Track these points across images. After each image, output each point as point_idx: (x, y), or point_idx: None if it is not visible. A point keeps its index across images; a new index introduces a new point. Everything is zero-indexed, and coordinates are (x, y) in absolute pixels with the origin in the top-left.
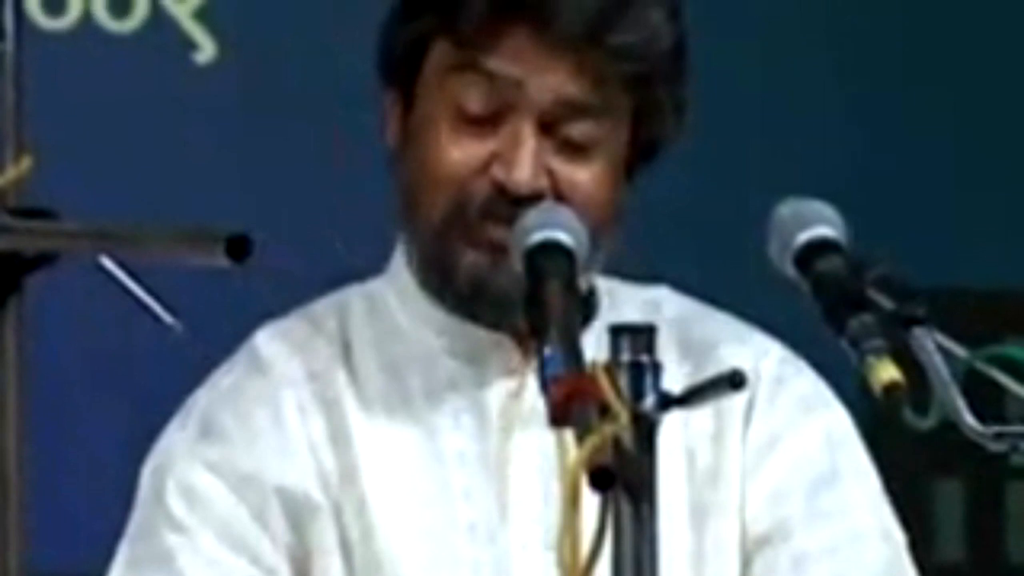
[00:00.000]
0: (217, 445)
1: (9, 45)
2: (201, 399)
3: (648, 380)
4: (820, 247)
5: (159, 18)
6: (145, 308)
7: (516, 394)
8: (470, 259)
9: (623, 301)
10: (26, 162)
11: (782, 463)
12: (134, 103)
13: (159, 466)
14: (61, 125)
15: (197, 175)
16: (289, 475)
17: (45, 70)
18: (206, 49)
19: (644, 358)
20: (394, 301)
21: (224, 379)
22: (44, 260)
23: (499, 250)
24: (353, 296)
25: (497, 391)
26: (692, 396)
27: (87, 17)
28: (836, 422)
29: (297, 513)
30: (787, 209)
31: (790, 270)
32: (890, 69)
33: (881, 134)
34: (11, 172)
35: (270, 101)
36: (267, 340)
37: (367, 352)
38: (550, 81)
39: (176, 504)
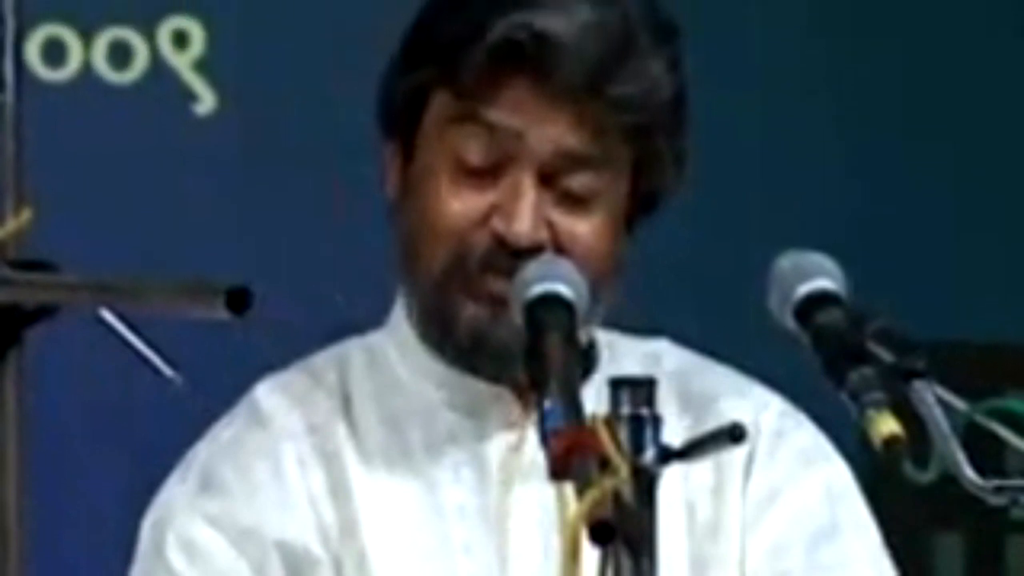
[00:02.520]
0: (217, 499)
1: (9, 96)
2: (201, 452)
3: (648, 433)
4: (820, 300)
5: (159, 69)
6: (145, 361)
7: (516, 447)
8: (470, 312)
9: (623, 354)
10: (26, 214)
11: (782, 516)
12: (134, 154)
13: (159, 519)
14: (61, 177)
15: (197, 227)
16: (289, 529)
17: (45, 121)
18: (206, 100)
19: (644, 411)
20: (394, 354)
21: (224, 432)
22: (44, 312)
23: (499, 303)
24: (353, 349)
25: (497, 444)
26: (692, 449)
27: (87, 68)
28: (836, 475)
29: (297, 567)
30: (787, 261)
31: (790, 322)
32: (890, 122)
33: (881, 186)
34: (11, 224)
35: (270, 152)
36: (267, 393)
37: (367, 405)
38: (550, 133)
39: (176, 558)
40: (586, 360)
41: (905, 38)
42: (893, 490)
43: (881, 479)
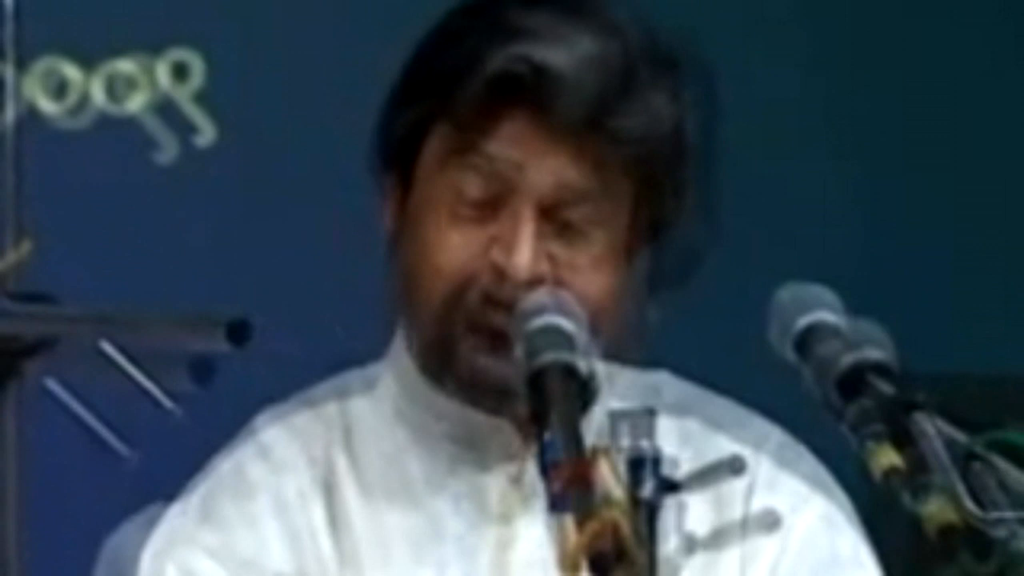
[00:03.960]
0: (217, 531)
1: (9, 130)
2: (201, 484)
3: (648, 465)
4: (820, 331)
5: (159, 101)
6: (145, 393)
7: (517, 479)
8: (470, 345)
9: (623, 386)
10: (26, 246)
11: (782, 548)
12: (133, 187)
13: (159, 551)
14: (60, 209)
15: (197, 259)
16: (289, 561)
17: (45, 154)
18: (206, 132)
19: (644, 443)
20: (394, 386)
21: (224, 464)
22: (43, 344)
23: (499, 337)
24: (353, 381)
25: (497, 476)
26: (692, 481)
27: (85, 100)
28: (837, 507)
29: None
30: (787, 294)
31: (790, 354)
32: (890, 155)
33: (880, 219)
34: (11, 256)
35: (270, 184)
36: (267, 425)
37: (367, 437)
38: (550, 166)
39: None
40: (586, 392)
41: (904, 73)
42: (893, 522)
43: (881, 511)
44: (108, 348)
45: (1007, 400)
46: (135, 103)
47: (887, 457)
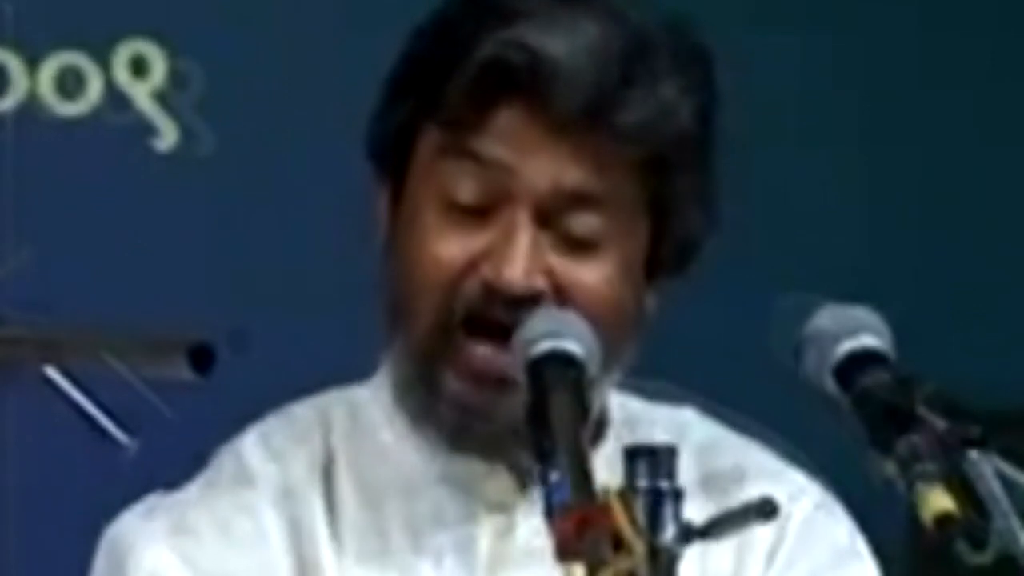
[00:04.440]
0: (191, 542)
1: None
2: (168, 498)
3: (668, 509)
4: (864, 359)
5: (115, 101)
6: (95, 426)
7: (505, 533)
8: (455, 389)
9: (641, 421)
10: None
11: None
12: (89, 193)
13: (117, 546)
14: (48, 213)
15: (174, 272)
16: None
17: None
18: (167, 135)
19: (664, 484)
20: (379, 416)
21: (198, 483)
22: None
23: (485, 379)
24: (335, 406)
25: (485, 529)
26: (716, 527)
27: (33, 98)
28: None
29: None
30: (827, 317)
31: (829, 384)
32: (911, 172)
33: (918, 247)
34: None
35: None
36: (252, 449)
37: (347, 474)
38: (546, 166)
39: None
40: (594, 426)
41: (916, 73)
42: (945, 574)
43: (931, 562)
44: (54, 375)
45: None
46: (86, 102)
47: (939, 501)
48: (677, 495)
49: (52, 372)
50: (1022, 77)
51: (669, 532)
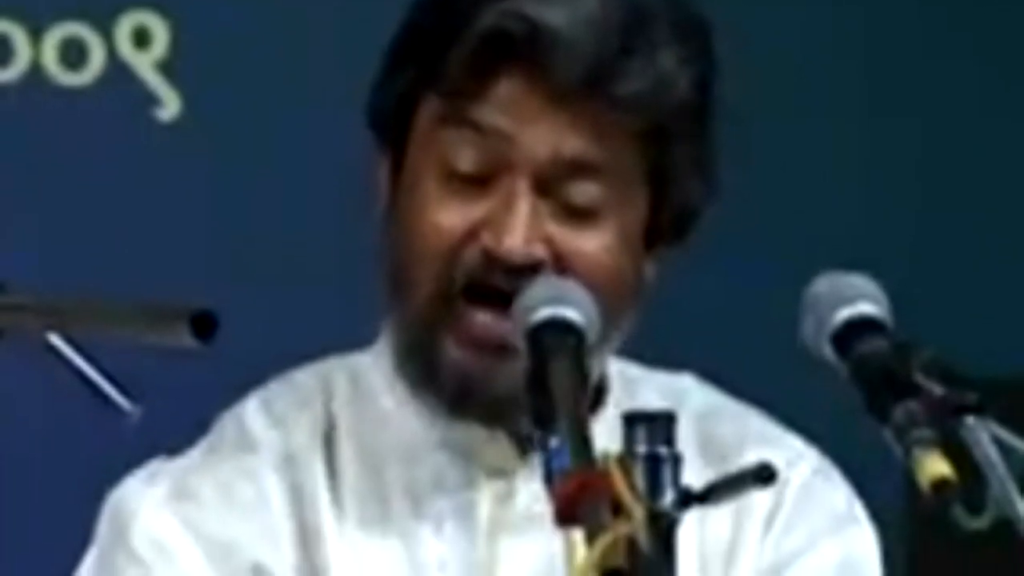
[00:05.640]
0: (193, 507)
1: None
2: (171, 463)
3: (666, 474)
4: (861, 326)
5: (118, 71)
6: (98, 392)
7: (505, 498)
8: (455, 356)
9: (641, 388)
10: None
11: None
12: (90, 162)
13: (120, 511)
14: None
15: (161, 241)
16: (269, 556)
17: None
18: (170, 105)
19: (662, 450)
20: (380, 383)
21: (201, 448)
22: None
23: (486, 346)
24: (336, 371)
25: (485, 495)
26: (715, 492)
27: (36, 68)
28: (858, 546)
29: None
30: (824, 284)
31: (827, 351)
32: (918, 141)
33: (930, 213)
34: None
35: (239, 160)
36: (254, 415)
37: (348, 440)
38: (545, 135)
39: (142, 545)
40: (594, 393)
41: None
42: (941, 539)
43: (928, 527)
44: (57, 342)
45: None
46: (89, 72)
47: (936, 466)
48: (676, 461)
49: (55, 339)
50: (1021, 46)
51: (668, 497)
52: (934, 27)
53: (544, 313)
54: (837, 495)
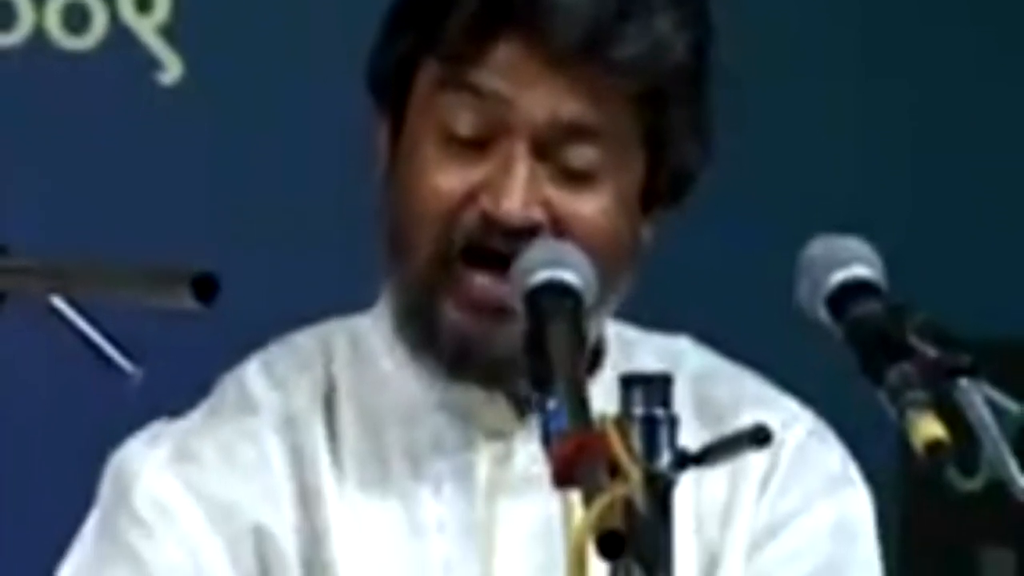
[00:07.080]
0: (195, 468)
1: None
2: (172, 425)
3: (663, 436)
4: (856, 289)
5: (121, 36)
6: (100, 354)
7: (503, 460)
8: (454, 318)
9: (637, 350)
10: None
11: (783, 548)
12: (93, 127)
13: (123, 472)
14: (10, 152)
15: (162, 205)
16: (269, 518)
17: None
18: (172, 69)
19: (659, 412)
20: (380, 345)
21: (202, 410)
22: None
23: (484, 309)
24: (337, 333)
25: (483, 456)
26: (711, 454)
27: (39, 32)
28: (852, 508)
29: (267, 561)
30: (819, 247)
31: (822, 313)
32: (912, 112)
33: (924, 177)
34: None
35: (240, 125)
36: (255, 377)
37: (348, 402)
38: (543, 98)
39: (144, 507)
40: (591, 355)
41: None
42: (935, 500)
43: (922, 488)
44: (60, 304)
45: None
46: (91, 37)
47: (930, 428)
48: (672, 422)
49: (58, 301)
50: (1018, 11)
51: (664, 459)
52: None
53: (542, 276)
54: (832, 456)
